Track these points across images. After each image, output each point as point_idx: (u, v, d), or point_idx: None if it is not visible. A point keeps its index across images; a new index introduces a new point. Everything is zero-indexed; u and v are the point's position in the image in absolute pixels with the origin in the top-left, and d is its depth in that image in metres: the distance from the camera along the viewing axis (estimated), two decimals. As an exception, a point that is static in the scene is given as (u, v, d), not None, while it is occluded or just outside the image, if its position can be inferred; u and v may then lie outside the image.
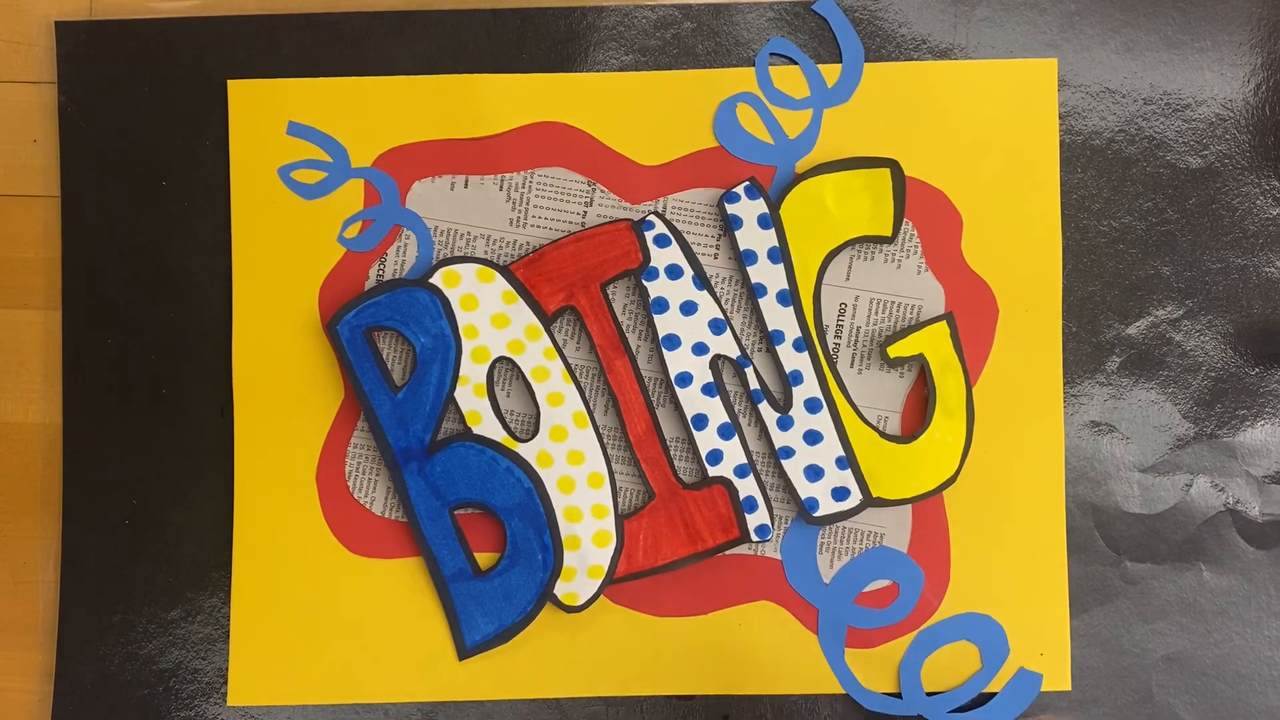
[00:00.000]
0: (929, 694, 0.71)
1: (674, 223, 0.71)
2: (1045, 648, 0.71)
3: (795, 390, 0.71)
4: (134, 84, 0.73)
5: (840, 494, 0.71)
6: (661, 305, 0.70)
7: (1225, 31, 0.72)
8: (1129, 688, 0.72)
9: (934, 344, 0.71)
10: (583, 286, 0.70)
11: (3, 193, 0.73)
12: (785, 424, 0.71)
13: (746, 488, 0.71)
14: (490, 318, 0.70)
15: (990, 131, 0.72)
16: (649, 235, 0.70)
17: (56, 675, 0.72)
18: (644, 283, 0.70)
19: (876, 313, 0.72)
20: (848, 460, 0.71)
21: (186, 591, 0.72)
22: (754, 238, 0.71)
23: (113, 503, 0.72)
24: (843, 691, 0.72)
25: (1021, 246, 0.72)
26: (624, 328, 0.71)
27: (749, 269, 0.71)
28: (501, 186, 0.72)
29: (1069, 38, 0.72)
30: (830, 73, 0.72)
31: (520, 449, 0.71)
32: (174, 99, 0.72)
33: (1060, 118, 0.72)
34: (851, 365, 0.72)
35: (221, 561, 0.72)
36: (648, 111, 0.72)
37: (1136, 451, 0.72)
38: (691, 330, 0.70)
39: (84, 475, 0.73)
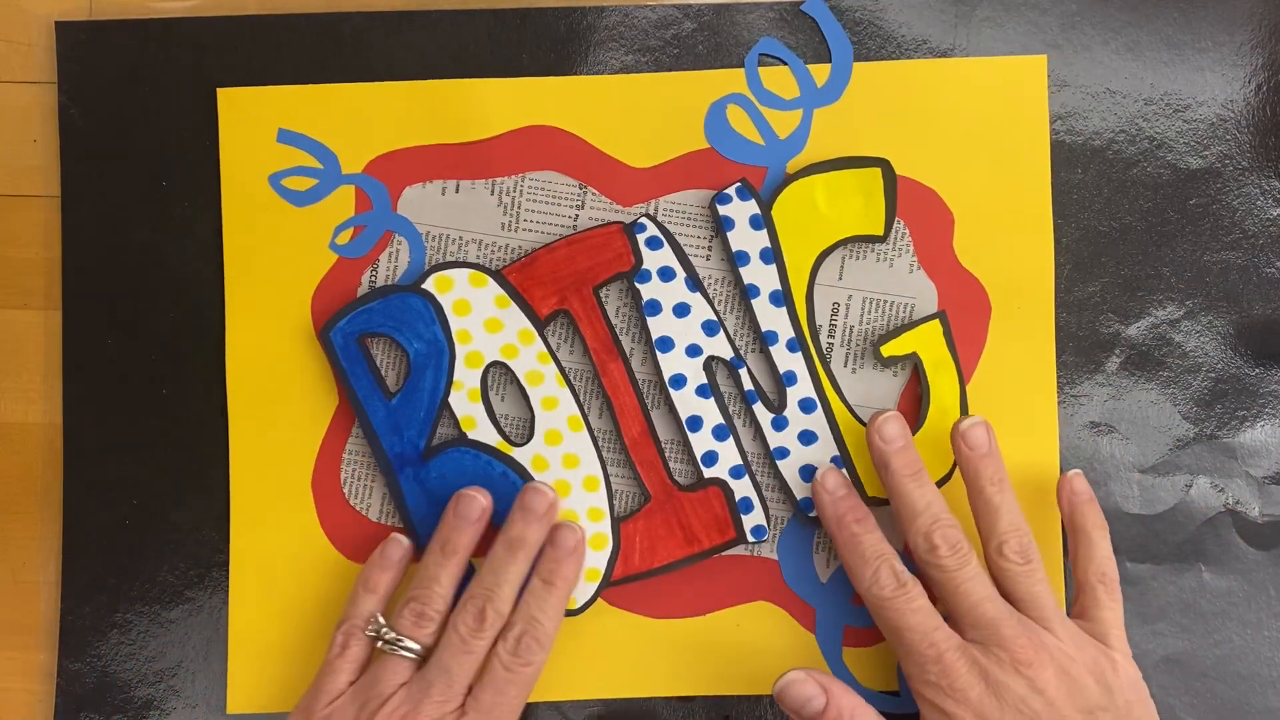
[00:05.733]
0: (927, 693, 0.71)
1: (666, 225, 0.71)
2: (1041, 646, 0.71)
3: (789, 391, 0.71)
4: (134, 84, 0.73)
5: (836, 494, 0.71)
6: (654, 308, 0.70)
7: (1226, 32, 0.72)
8: (1128, 688, 0.72)
9: (927, 343, 0.71)
10: (575, 290, 0.70)
11: (3, 193, 0.74)
12: (780, 424, 0.71)
13: (742, 489, 0.71)
14: (483, 322, 0.70)
15: (981, 129, 0.72)
16: (641, 238, 0.70)
17: (57, 675, 0.73)
18: (637, 285, 0.70)
19: (869, 312, 0.72)
20: (843, 460, 0.71)
21: (187, 591, 0.72)
22: (746, 239, 0.70)
23: (113, 503, 0.72)
24: (842, 691, 0.72)
25: (1014, 244, 0.72)
26: (617, 330, 0.71)
27: (741, 270, 0.70)
28: (493, 191, 0.72)
29: (1070, 38, 0.72)
30: (820, 72, 0.72)
31: (515, 453, 0.71)
32: (174, 98, 0.73)
33: (1061, 118, 0.72)
34: (845, 365, 0.72)
35: (223, 560, 0.72)
36: (638, 114, 0.72)
37: (1136, 452, 0.72)
38: (685, 332, 0.70)
39: (84, 475, 0.73)
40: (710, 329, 0.70)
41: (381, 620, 0.67)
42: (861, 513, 0.67)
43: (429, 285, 0.70)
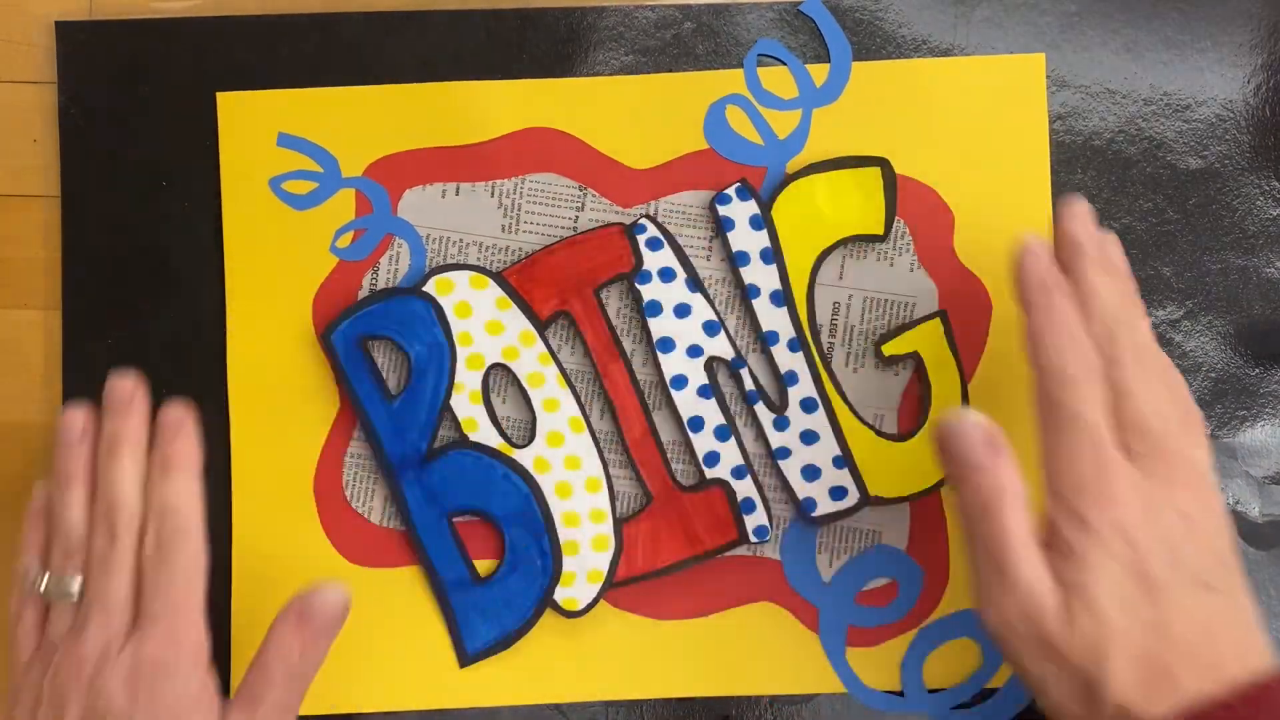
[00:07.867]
0: (931, 691, 0.71)
1: (666, 226, 0.71)
2: (1044, 644, 0.71)
3: (791, 390, 0.71)
4: (134, 84, 0.73)
5: (838, 493, 0.71)
6: (655, 308, 0.70)
7: (1226, 32, 0.72)
8: (1129, 687, 0.72)
9: (928, 341, 0.71)
10: (576, 291, 0.71)
11: (3, 193, 0.74)
12: (781, 424, 0.71)
13: (744, 489, 0.71)
14: (484, 324, 0.70)
15: (980, 127, 0.72)
16: (641, 239, 0.70)
17: (58, 676, 0.72)
18: (637, 286, 0.70)
19: (870, 311, 0.72)
20: (845, 459, 0.71)
21: (188, 591, 0.72)
22: (746, 239, 0.71)
23: (113, 503, 0.72)
24: (844, 690, 0.71)
25: (1014, 242, 0.71)
26: (618, 331, 0.71)
27: (742, 270, 0.71)
28: (493, 193, 0.72)
29: (1069, 38, 0.72)
30: (819, 72, 0.72)
31: (517, 455, 0.71)
32: (175, 99, 0.72)
33: (1060, 118, 0.72)
34: (846, 364, 0.72)
35: (224, 561, 0.72)
36: (637, 115, 0.72)
37: (1136, 452, 0.72)
38: (686, 333, 0.70)
39: (84, 476, 0.73)
40: (711, 329, 0.70)
41: (35, 570, 0.64)
42: (1068, 289, 0.61)
43: (430, 288, 0.70)
